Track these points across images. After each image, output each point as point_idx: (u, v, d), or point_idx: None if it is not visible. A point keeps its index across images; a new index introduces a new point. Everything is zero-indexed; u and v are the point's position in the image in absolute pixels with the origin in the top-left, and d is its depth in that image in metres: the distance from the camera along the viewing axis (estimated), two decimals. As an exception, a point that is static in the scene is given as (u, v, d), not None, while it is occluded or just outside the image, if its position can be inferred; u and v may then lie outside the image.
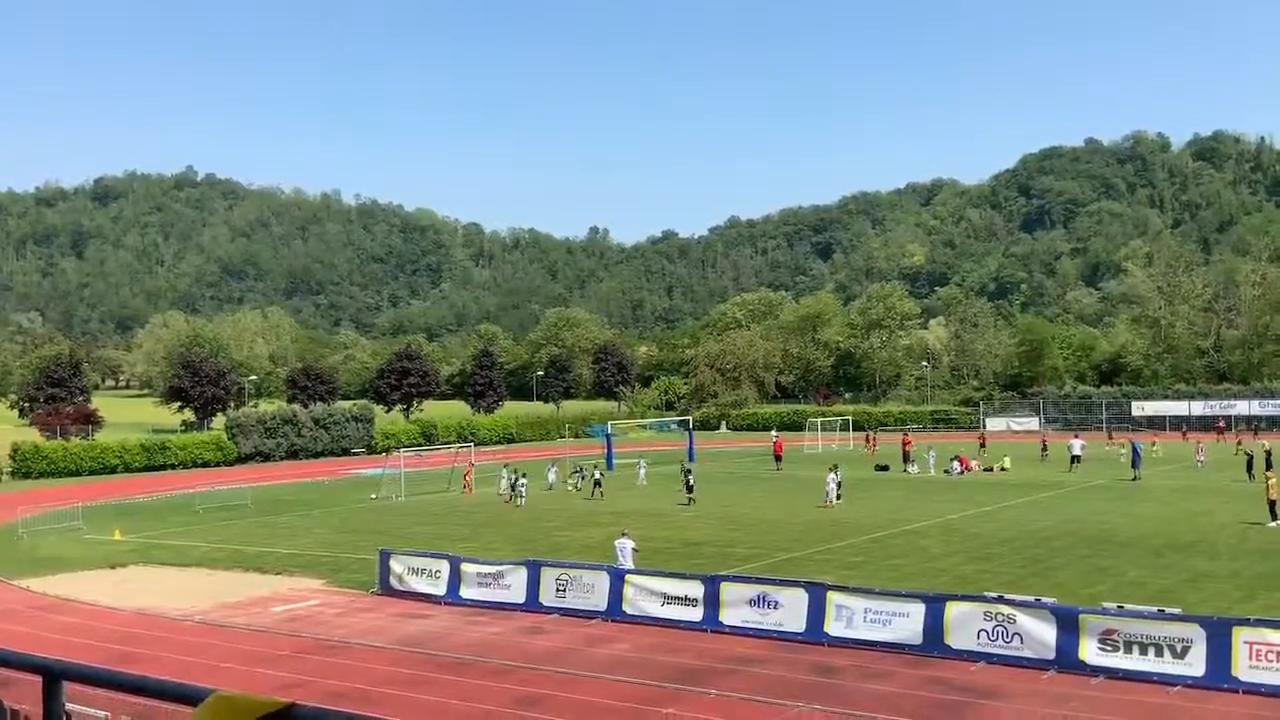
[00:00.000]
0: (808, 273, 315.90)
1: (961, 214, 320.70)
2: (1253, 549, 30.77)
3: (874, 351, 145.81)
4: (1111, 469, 56.66)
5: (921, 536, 35.23)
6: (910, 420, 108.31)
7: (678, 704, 17.77)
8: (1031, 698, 17.52)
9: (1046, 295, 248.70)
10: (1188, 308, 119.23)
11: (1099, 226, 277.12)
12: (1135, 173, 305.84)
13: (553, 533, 38.57)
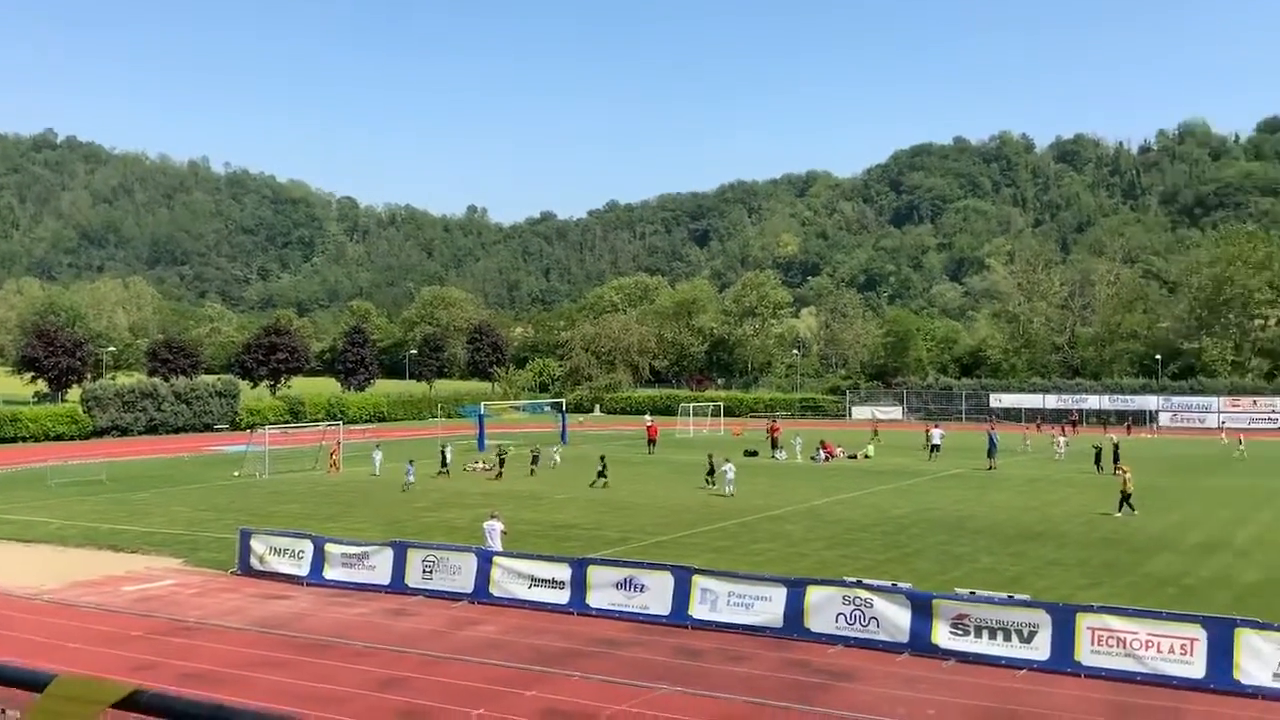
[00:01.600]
0: (685, 259, 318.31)
1: (835, 206, 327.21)
2: (1099, 538, 32.25)
3: (747, 339, 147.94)
4: (974, 459, 58.60)
5: (787, 522, 35.97)
6: (779, 407, 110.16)
7: (541, 686, 17.84)
8: (885, 679, 18.09)
9: (913, 288, 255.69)
10: (1045, 305, 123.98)
11: (965, 223, 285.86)
12: (1000, 172, 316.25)
13: (422, 514, 38.19)
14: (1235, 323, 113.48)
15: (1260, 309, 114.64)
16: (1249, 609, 21.75)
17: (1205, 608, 21.77)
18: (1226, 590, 24.61)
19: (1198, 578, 26.20)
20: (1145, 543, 31.27)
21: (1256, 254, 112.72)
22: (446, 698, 17.23)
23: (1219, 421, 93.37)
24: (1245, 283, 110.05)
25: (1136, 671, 17.80)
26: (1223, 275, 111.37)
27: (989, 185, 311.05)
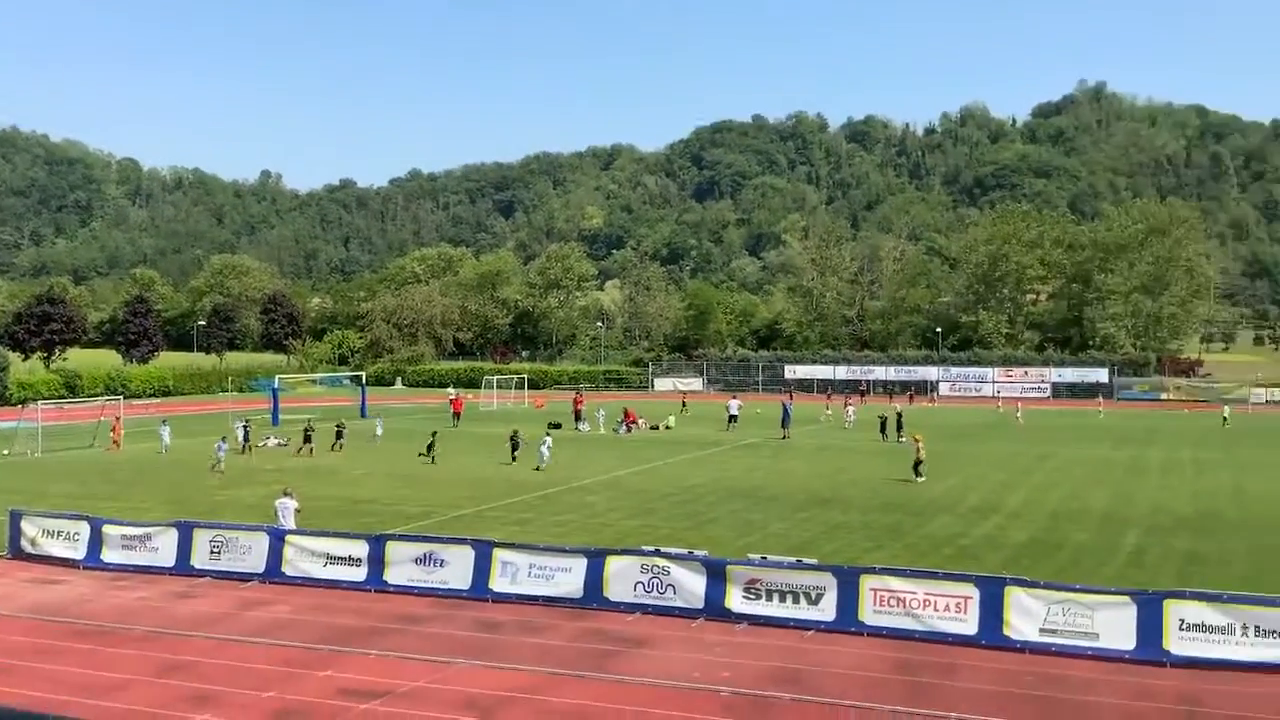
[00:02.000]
0: (489, 230, 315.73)
1: (639, 180, 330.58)
2: (882, 503, 33.78)
3: (552, 311, 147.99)
4: (770, 429, 60.37)
5: (589, 493, 36.24)
6: (584, 379, 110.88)
7: (336, 665, 17.47)
8: (681, 644, 18.49)
9: (714, 262, 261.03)
10: (837, 279, 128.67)
11: (763, 199, 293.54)
12: (796, 150, 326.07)
13: (212, 492, 36.70)
14: (1009, 297, 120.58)
15: (1032, 284, 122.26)
16: (1018, 568, 23.25)
17: (979, 568, 23.13)
18: (999, 551, 26.16)
19: (972, 539, 27.76)
20: (925, 506, 32.95)
21: (1029, 232, 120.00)
22: (235, 681, 16.66)
23: (995, 391, 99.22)
24: (1019, 259, 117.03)
25: (915, 629, 18.73)
26: (998, 252, 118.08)
27: (785, 163, 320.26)
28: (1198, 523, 30.16)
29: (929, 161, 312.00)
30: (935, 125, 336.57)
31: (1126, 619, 17.63)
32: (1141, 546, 26.75)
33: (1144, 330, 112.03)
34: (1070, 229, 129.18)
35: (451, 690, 16.30)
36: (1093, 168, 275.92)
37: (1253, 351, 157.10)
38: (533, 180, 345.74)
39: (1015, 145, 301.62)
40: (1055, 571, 23.41)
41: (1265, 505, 33.48)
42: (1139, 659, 17.27)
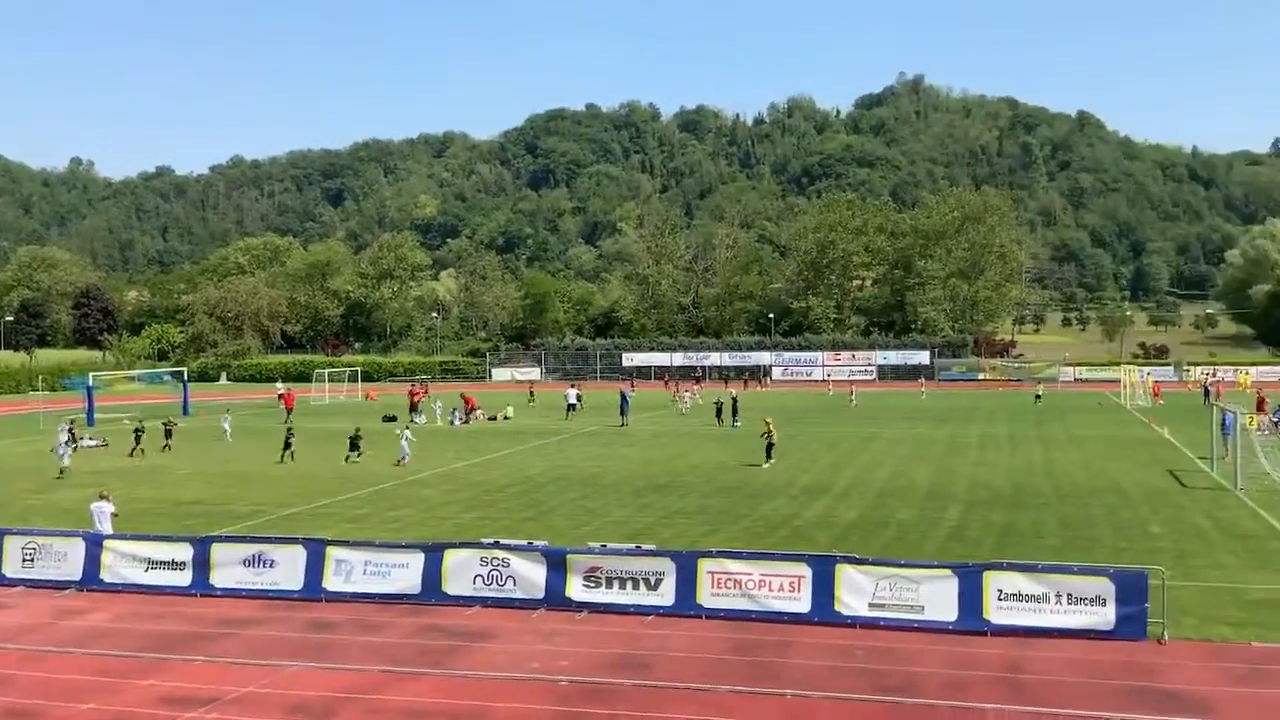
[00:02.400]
0: (318, 219, 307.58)
1: (473, 168, 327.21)
2: (718, 487, 34.37)
3: (385, 302, 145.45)
4: (604, 416, 60.66)
5: (426, 486, 35.72)
6: (420, 370, 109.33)
7: (160, 673, 16.76)
8: (521, 635, 18.41)
9: (550, 251, 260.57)
10: (672, 267, 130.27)
11: (598, 188, 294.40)
12: (630, 139, 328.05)
13: (24, 496, 34.70)
14: (837, 283, 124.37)
15: (858, 271, 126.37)
16: (848, 545, 23.98)
17: (811, 547, 23.75)
18: (830, 530, 26.93)
19: (806, 519, 28.51)
20: (760, 489, 33.67)
21: (854, 220, 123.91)
22: (52, 694, 15.81)
23: (825, 374, 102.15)
24: (845, 247, 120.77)
25: (752, 610, 19.09)
26: (826, 240, 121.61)
27: (620, 151, 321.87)
28: (1013, 497, 31.70)
29: (759, 151, 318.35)
30: (764, 116, 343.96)
31: (949, 591, 18.36)
32: (962, 521, 27.95)
33: (961, 313, 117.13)
34: (892, 217, 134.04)
35: (283, 694, 15.84)
36: (912, 157, 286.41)
37: (1061, 332, 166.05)
38: (363, 168, 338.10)
39: (840, 136, 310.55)
40: (883, 548, 24.26)
41: (1073, 478, 35.44)
42: (962, 629, 18.02)
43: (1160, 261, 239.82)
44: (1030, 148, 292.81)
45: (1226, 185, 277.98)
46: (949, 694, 15.30)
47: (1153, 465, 38.28)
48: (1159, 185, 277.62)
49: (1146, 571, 18.08)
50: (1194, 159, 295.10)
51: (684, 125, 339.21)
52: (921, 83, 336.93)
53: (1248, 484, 31.98)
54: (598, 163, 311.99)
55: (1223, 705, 14.64)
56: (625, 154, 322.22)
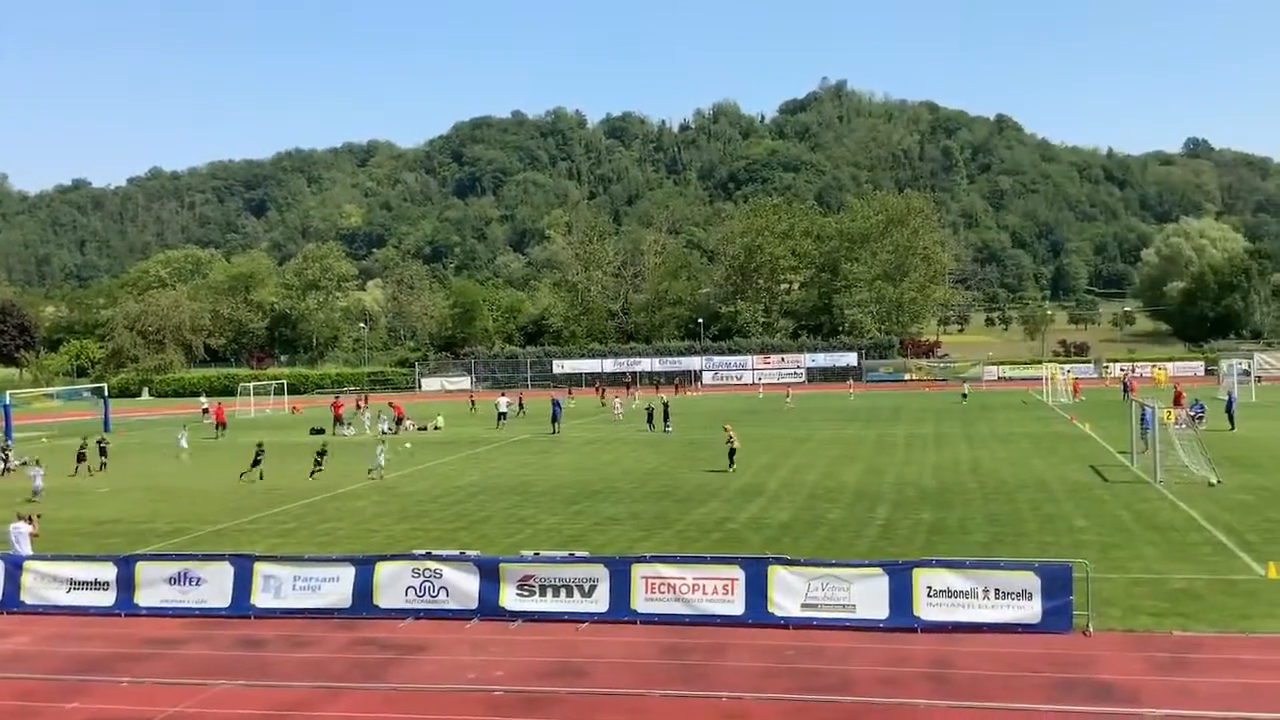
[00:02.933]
0: (240, 230, 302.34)
1: (398, 177, 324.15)
2: (651, 491, 34.44)
3: (311, 313, 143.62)
4: (536, 424, 60.47)
5: (356, 498, 35.32)
6: (348, 382, 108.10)
7: (85, 696, 16.38)
8: (455, 647, 18.28)
9: (478, 259, 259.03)
10: (601, 274, 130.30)
11: (525, 195, 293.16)
12: (556, 146, 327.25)
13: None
14: (765, 287, 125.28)
15: (785, 274, 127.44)
16: (781, 547, 24.19)
17: (744, 549, 23.94)
18: (762, 532, 27.12)
19: (738, 522, 28.68)
20: (693, 492, 33.80)
21: (781, 225, 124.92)
22: (-33, 725, 15.36)
23: (755, 378, 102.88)
24: (772, 251, 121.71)
25: (686, 614, 19.15)
26: (753, 244, 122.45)
27: (547, 159, 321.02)
28: (941, 495, 32.19)
29: (685, 157, 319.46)
30: (690, 122, 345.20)
31: (880, 589, 18.59)
32: (892, 520, 28.31)
33: (887, 315, 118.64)
34: (818, 221, 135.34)
35: (213, 713, 15.56)
36: (836, 162, 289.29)
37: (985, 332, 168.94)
38: (286, 178, 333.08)
39: (765, 141, 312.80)
40: (815, 548, 24.51)
41: (999, 475, 36.09)
42: (893, 626, 18.25)
43: (1079, 261, 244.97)
44: (951, 151, 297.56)
45: (1141, 185, 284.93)
46: (881, 691, 15.49)
47: (1075, 460, 39.11)
48: (1076, 186, 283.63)
49: (1071, 565, 18.47)
50: (1109, 160, 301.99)
51: (610, 132, 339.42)
52: (844, 88, 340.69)
53: (1166, 477, 32.81)
54: (525, 170, 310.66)
55: (1147, 694, 15.00)
56: (552, 161, 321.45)
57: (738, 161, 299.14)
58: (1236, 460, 37.24)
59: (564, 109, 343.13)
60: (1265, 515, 27.20)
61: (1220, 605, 19.10)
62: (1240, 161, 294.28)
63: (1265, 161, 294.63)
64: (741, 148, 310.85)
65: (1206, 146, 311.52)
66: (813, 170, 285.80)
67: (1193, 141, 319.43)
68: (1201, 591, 20.04)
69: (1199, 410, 47.69)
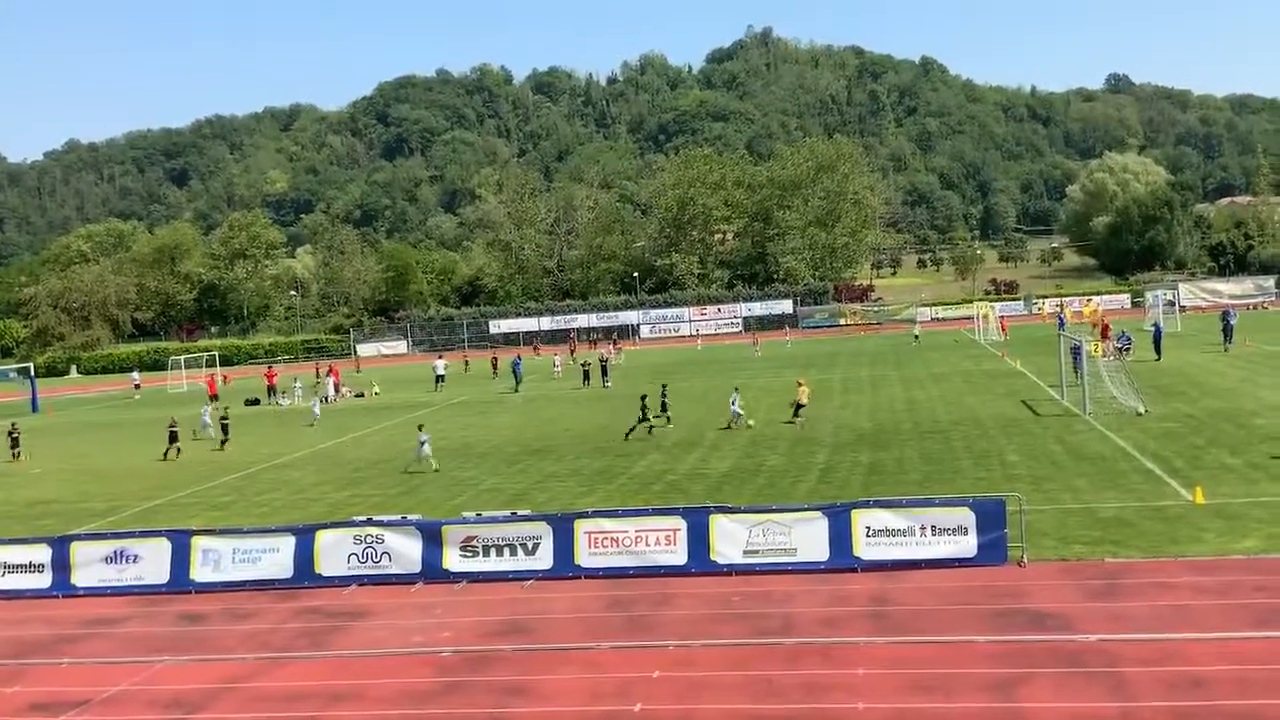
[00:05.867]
0: (163, 201, 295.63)
1: (323, 140, 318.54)
2: (592, 448, 34.48)
3: (240, 283, 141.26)
4: (478, 384, 60.21)
5: (294, 468, 34.98)
6: (281, 351, 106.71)
7: (25, 679, 16.16)
8: (400, 611, 18.26)
9: (410, 221, 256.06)
10: (534, 231, 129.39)
11: (454, 154, 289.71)
12: (483, 104, 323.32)
13: None
14: (699, 239, 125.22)
15: (719, 225, 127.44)
16: (722, 496, 24.42)
17: (686, 500, 24.12)
18: (703, 482, 27.31)
19: (679, 473, 28.84)
20: (633, 447, 33.90)
21: (712, 175, 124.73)
22: (-98, 717, 15.07)
23: (692, 330, 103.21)
24: (705, 202, 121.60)
25: (630, 566, 19.30)
26: (686, 196, 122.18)
27: (474, 117, 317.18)
28: (876, 436, 32.63)
29: (614, 110, 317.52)
30: (617, 75, 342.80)
31: (820, 532, 18.85)
32: (830, 463, 28.66)
33: (821, 261, 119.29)
34: (749, 170, 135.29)
35: (157, 690, 15.42)
36: (765, 110, 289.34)
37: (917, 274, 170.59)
38: (207, 145, 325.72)
39: (693, 92, 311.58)
40: (755, 495, 24.76)
41: (934, 414, 36.64)
42: (833, 568, 18.54)
43: (1006, 200, 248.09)
44: (878, 95, 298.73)
45: (1065, 122, 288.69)
46: (823, 631, 15.76)
47: (1008, 397, 39.80)
48: (1001, 126, 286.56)
49: (1004, 499, 18.85)
50: (1033, 98, 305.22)
51: (537, 88, 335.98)
52: (770, 35, 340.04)
53: (1095, 408, 33.52)
54: (452, 129, 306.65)
55: (1080, 619, 15.40)
56: (480, 119, 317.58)
57: (667, 113, 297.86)
58: (1163, 389, 38.13)
59: (489, 65, 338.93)
60: (1191, 442, 27.93)
61: (1149, 531, 19.62)
62: (1160, 95, 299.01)
63: (1184, 94, 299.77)
64: (670, 99, 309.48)
65: (1127, 82, 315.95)
66: (742, 119, 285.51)
67: (1114, 77, 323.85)
68: (1131, 519, 20.56)
69: (1126, 342, 48.67)
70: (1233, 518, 20.02)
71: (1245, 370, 42.89)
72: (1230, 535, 18.93)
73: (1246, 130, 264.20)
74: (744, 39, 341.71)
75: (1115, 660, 13.78)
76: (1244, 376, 40.83)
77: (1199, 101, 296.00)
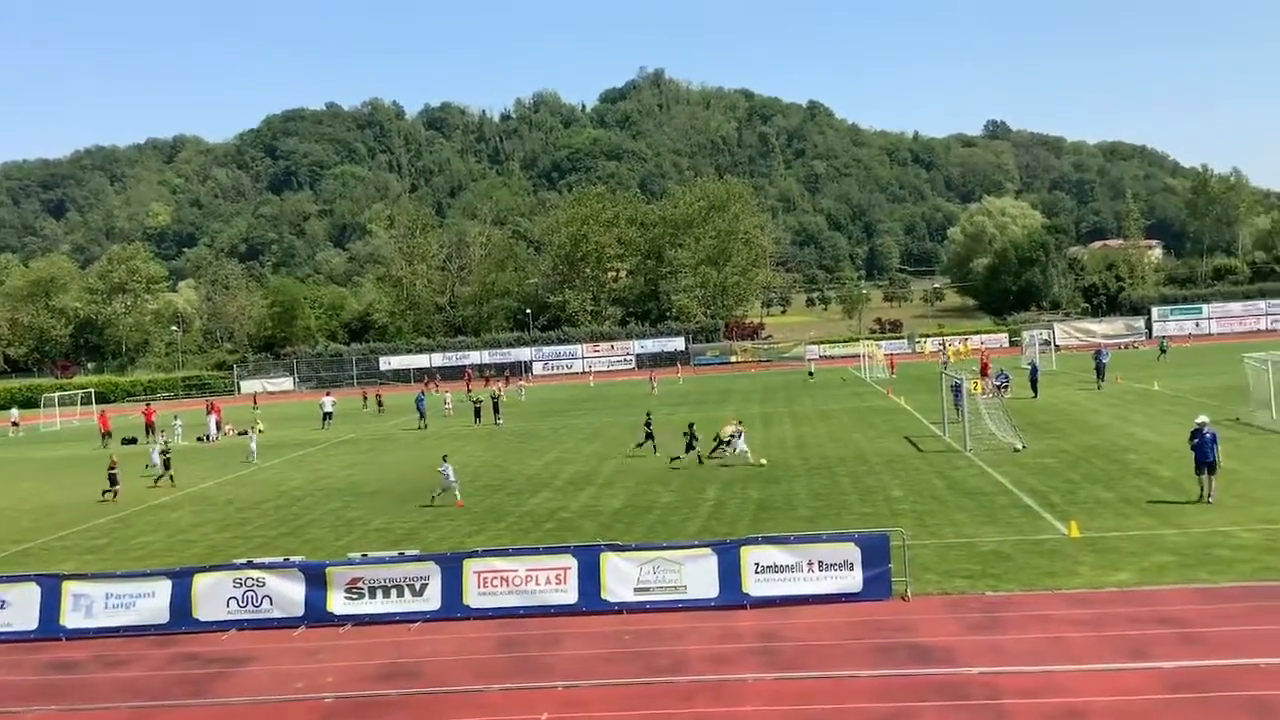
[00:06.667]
0: (38, 233, 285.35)
1: (208, 173, 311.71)
2: (483, 485, 34.15)
3: (119, 318, 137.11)
4: (362, 422, 59.22)
5: (172, 509, 33.87)
6: (161, 388, 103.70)
7: (-125, 740, 15.27)
8: (282, 656, 17.76)
9: (298, 256, 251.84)
10: (426, 267, 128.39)
11: (344, 189, 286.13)
12: (375, 138, 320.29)
13: None
14: (592, 276, 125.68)
15: (612, 263, 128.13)
16: (614, 533, 24.40)
17: (578, 537, 24.04)
18: (595, 519, 27.25)
19: (571, 510, 28.74)
20: (525, 484, 33.69)
21: (606, 213, 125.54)
22: None
23: (585, 366, 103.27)
24: (598, 239, 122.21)
25: (521, 605, 19.11)
26: (579, 233, 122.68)
27: (365, 151, 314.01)
28: (767, 472, 32.95)
29: (507, 147, 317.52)
30: (511, 111, 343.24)
31: (710, 569, 18.94)
32: (721, 499, 28.86)
33: (712, 299, 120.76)
34: (642, 208, 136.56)
35: (21, 745, 14.72)
36: (657, 149, 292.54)
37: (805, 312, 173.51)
38: (86, 177, 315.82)
39: (587, 130, 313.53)
40: (646, 532, 24.80)
41: (822, 450, 37.21)
42: (723, 604, 18.62)
43: (891, 241, 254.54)
44: (767, 137, 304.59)
45: (946, 167, 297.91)
46: (712, 669, 15.80)
47: (892, 433, 40.66)
48: (886, 169, 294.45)
49: (889, 534, 19.20)
50: (915, 143, 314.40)
51: (430, 123, 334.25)
52: (662, 76, 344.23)
53: (975, 445, 34.44)
54: (342, 163, 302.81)
55: (963, 652, 15.73)
56: (371, 154, 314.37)
57: (560, 151, 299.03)
58: (1040, 426, 39.38)
59: (380, 100, 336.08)
60: (1066, 477, 28.86)
61: (1028, 565, 20.16)
62: (1036, 142, 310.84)
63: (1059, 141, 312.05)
64: (564, 137, 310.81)
65: (1005, 128, 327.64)
66: (635, 158, 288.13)
67: (992, 124, 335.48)
68: (1010, 553, 21.11)
69: (1004, 380, 50.16)
70: (1106, 551, 20.71)
71: (1117, 407, 44.58)
72: (1104, 568, 19.57)
73: (1118, 176, 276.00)
74: (636, 79, 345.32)
75: (996, 693, 14.10)
76: (1116, 414, 42.42)
77: (1073, 148, 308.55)
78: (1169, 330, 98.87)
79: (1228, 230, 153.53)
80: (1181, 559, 19.82)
